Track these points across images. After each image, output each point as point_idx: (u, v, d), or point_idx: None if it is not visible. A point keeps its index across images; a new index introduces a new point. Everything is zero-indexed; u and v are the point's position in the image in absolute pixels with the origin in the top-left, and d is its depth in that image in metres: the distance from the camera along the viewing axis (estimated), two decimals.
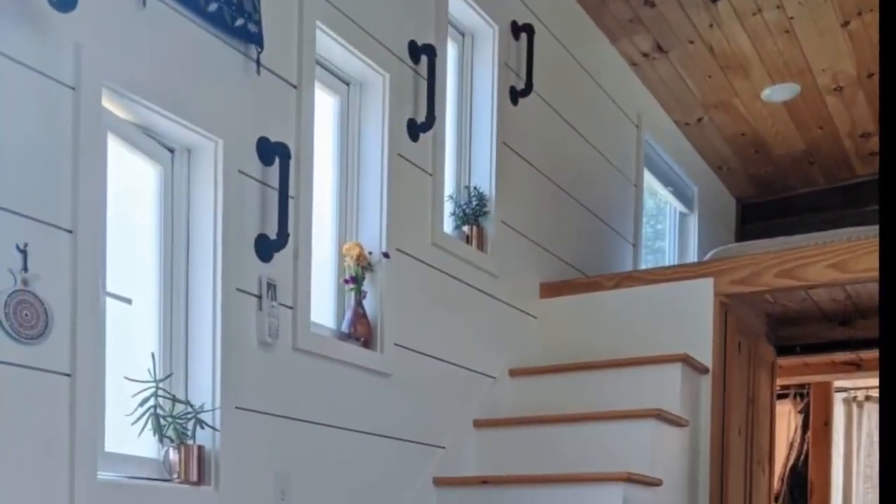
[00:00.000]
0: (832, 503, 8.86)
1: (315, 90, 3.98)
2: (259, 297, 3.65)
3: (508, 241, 5.29)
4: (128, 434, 3.30)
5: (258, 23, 3.60)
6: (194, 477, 3.39)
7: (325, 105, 4.26)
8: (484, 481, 4.64)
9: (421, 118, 4.54)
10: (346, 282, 4.21)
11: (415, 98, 4.56)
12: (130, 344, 3.38)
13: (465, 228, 5.04)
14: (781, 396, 8.14)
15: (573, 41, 6.00)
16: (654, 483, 4.51)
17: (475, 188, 5.11)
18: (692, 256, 7.88)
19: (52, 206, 2.90)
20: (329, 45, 4.09)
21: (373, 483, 4.30)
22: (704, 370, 5.03)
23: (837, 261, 4.83)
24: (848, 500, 9.03)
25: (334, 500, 4.08)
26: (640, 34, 6.31)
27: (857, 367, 6.99)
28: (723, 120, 7.46)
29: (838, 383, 8.79)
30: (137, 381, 3.29)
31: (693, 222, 8.06)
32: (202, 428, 3.42)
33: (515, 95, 5.33)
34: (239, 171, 3.57)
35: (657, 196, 7.80)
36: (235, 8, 3.49)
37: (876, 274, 4.59)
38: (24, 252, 2.79)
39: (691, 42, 6.32)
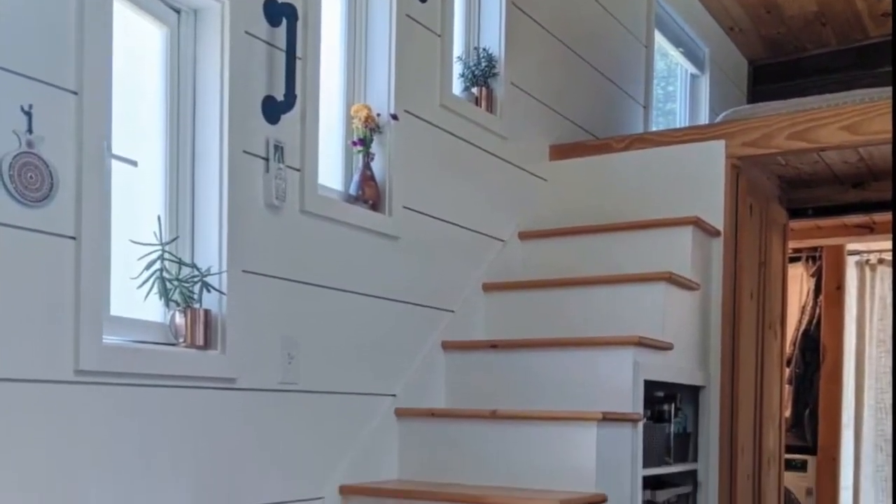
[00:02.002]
0: (844, 367, 8.86)
1: None
2: (266, 159, 3.62)
3: (518, 103, 5.24)
4: (134, 298, 3.29)
5: None
6: (200, 341, 3.39)
7: None
8: (493, 345, 4.65)
9: None
10: (354, 144, 4.18)
11: None
12: (136, 207, 3.36)
13: (474, 90, 4.99)
14: (793, 260, 8.13)
15: None
16: (664, 347, 4.52)
17: (484, 49, 5.05)
18: (703, 118, 7.83)
19: (57, 68, 2.86)
20: None
21: (380, 347, 4.31)
22: (716, 233, 5.01)
23: (850, 122, 4.79)
24: (861, 364, 9.04)
25: (341, 363, 4.08)
26: None
27: (869, 229, 6.97)
28: None
29: (851, 246, 8.74)
30: (143, 244, 3.28)
31: (704, 84, 7.99)
32: (208, 291, 3.42)
33: None
34: (246, 32, 3.52)
35: (668, 57, 7.72)
36: None
37: (889, 136, 4.56)
38: (28, 114, 2.76)
39: None
